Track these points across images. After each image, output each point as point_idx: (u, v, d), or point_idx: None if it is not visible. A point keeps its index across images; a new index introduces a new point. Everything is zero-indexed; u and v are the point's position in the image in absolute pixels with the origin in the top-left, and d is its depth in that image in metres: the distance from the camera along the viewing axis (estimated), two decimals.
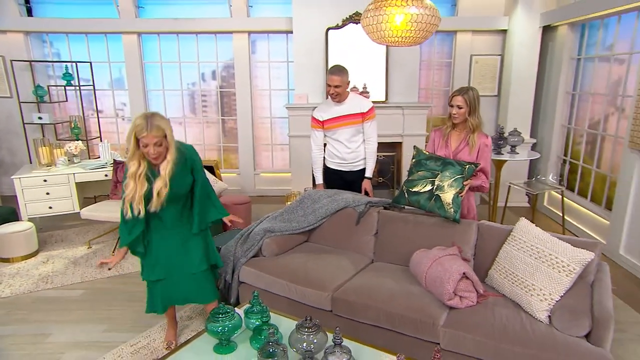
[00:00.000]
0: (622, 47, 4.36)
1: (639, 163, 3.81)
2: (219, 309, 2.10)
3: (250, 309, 2.18)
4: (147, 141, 2.17)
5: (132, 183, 2.30)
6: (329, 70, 3.37)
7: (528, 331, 2.14)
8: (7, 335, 3.02)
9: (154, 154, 2.23)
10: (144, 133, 2.14)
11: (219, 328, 2.06)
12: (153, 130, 2.15)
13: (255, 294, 2.20)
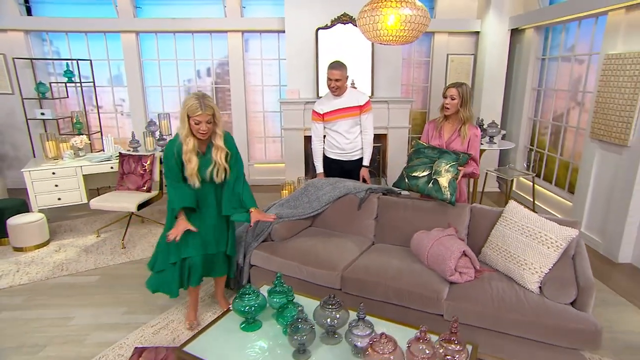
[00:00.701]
0: (582, 48, 4.47)
1: (598, 151, 3.94)
2: (246, 289, 2.07)
3: (273, 289, 2.16)
4: (200, 119, 2.23)
5: (195, 158, 2.34)
6: (330, 65, 3.34)
7: (522, 301, 2.21)
8: (31, 319, 2.91)
9: (205, 130, 2.28)
10: (199, 112, 2.21)
11: (246, 307, 2.03)
12: (206, 109, 2.23)
13: (278, 275, 2.18)
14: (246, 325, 2.07)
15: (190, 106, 2.22)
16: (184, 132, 2.30)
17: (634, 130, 3.51)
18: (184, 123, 2.28)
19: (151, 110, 6.06)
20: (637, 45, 3.55)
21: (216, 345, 1.97)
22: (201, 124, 2.25)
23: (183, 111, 2.27)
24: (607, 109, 3.76)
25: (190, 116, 2.25)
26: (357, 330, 1.81)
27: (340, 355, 1.86)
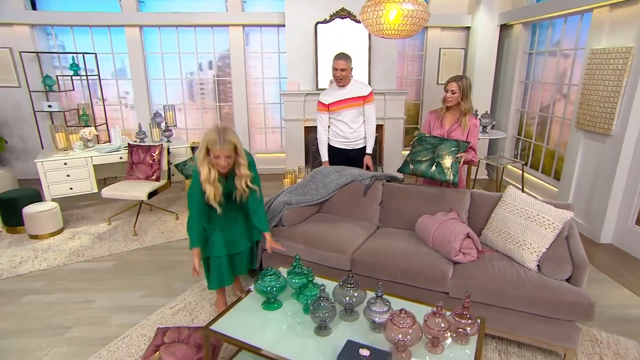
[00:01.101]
0: (568, 44, 4.53)
1: (583, 140, 4.02)
2: (267, 271, 2.09)
3: (292, 270, 2.18)
4: (219, 153, 2.15)
5: (209, 187, 2.25)
6: (336, 56, 3.34)
7: (522, 278, 2.27)
8: (55, 302, 2.91)
9: (225, 165, 2.20)
10: (217, 147, 2.12)
11: (268, 288, 2.06)
12: (225, 144, 2.13)
13: (297, 257, 2.20)
14: (267, 304, 2.10)
15: (210, 139, 2.14)
16: (199, 159, 2.22)
17: (616, 121, 3.59)
18: (202, 151, 2.19)
19: (155, 103, 5.98)
20: (620, 41, 3.61)
21: (240, 323, 1.99)
22: (220, 158, 2.16)
23: (203, 142, 2.18)
24: (592, 101, 3.84)
25: (209, 149, 2.17)
26: (376, 307, 1.85)
27: (358, 331, 1.90)
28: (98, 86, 5.53)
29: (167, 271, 3.36)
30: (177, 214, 4.51)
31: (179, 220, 4.40)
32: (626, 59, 3.48)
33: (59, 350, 2.43)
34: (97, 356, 2.35)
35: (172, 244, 3.86)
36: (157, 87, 5.99)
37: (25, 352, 2.41)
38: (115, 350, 2.40)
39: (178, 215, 4.49)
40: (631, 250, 3.58)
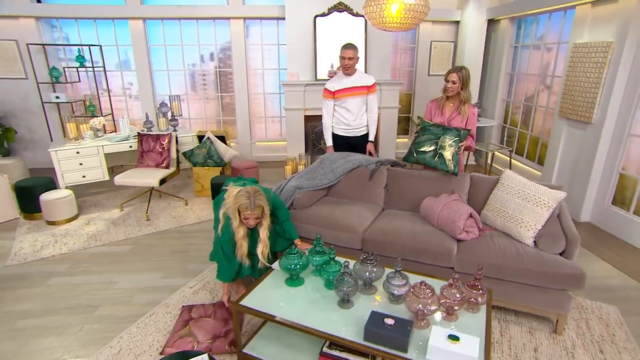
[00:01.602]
0: (552, 38, 4.60)
1: (565, 128, 4.13)
2: (291, 250, 2.13)
3: (313, 249, 2.22)
4: (249, 216, 2.23)
5: (244, 241, 2.32)
6: (343, 46, 3.33)
7: (521, 253, 2.36)
8: (79, 283, 2.90)
9: (253, 224, 2.30)
10: (248, 211, 2.21)
11: (292, 265, 2.10)
12: (255, 209, 2.22)
13: (318, 236, 2.24)
14: (290, 281, 2.14)
15: (242, 204, 2.21)
16: (235, 223, 2.27)
17: (596, 110, 3.70)
18: (235, 214, 2.25)
19: (158, 93, 5.86)
20: (601, 36, 3.69)
21: (268, 298, 2.03)
22: (249, 219, 2.25)
23: (234, 206, 2.23)
24: (574, 91, 3.93)
25: (240, 212, 2.24)
26: (395, 280, 1.92)
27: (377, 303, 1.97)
28: (103, 77, 5.40)
29: (182, 254, 3.36)
30: (186, 199, 4.48)
31: (188, 205, 4.39)
32: (606, 52, 3.57)
33: (91, 327, 2.44)
34: (127, 332, 2.37)
35: (184, 228, 3.85)
36: (160, 78, 5.86)
37: (60, 328, 2.42)
38: (143, 326, 2.42)
39: (187, 201, 4.47)
40: (608, 227, 3.74)
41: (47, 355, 2.21)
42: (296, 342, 2.13)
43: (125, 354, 2.20)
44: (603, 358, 2.20)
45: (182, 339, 2.19)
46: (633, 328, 2.45)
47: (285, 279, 2.17)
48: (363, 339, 1.71)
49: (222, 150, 4.69)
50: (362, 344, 1.69)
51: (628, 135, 3.54)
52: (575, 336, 2.36)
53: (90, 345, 2.28)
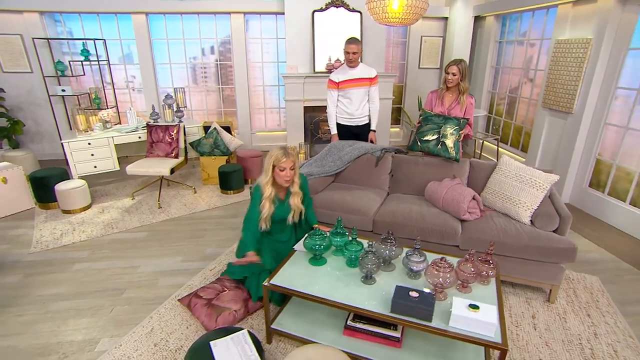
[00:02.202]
0: (535, 34, 4.67)
1: (548, 117, 4.26)
2: (316, 231, 2.15)
3: (334, 231, 2.25)
4: (285, 165, 2.23)
5: (267, 205, 2.31)
6: (347, 41, 3.33)
7: (520, 230, 2.45)
8: (102, 269, 2.86)
9: (289, 176, 2.27)
10: (284, 159, 2.23)
11: (316, 245, 2.12)
12: (290, 156, 2.25)
13: (339, 219, 2.27)
14: (314, 260, 2.18)
15: (276, 156, 2.23)
16: (265, 179, 2.28)
17: (577, 101, 3.82)
18: (268, 172, 2.27)
19: (161, 86, 5.71)
20: (581, 33, 3.78)
21: (295, 277, 2.06)
22: (286, 170, 2.24)
23: (269, 161, 2.25)
24: (556, 84, 4.04)
25: (275, 165, 2.24)
26: (414, 257, 1.97)
27: (397, 279, 2.02)
28: (106, 71, 5.22)
29: (198, 239, 3.34)
30: (195, 188, 4.44)
31: (197, 193, 4.34)
32: (586, 48, 3.67)
33: (121, 308, 2.42)
34: (156, 312, 2.37)
35: (196, 214, 3.82)
36: (162, 71, 5.70)
37: (92, 310, 2.40)
38: (170, 307, 2.42)
39: (195, 189, 4.42)
40: (586, 208, 3.90)
41: (85, 334, 2.20)
42: (319, 318, 2.17)
43: (157, 332, 2.20)
44: (590, 321, 2.34)
45: (220, 315, 2.20)
46: (613, 295, 2.60)
47: (309, 258, 2.20)
48: (390, 311, 1.76)
49: (228, 140, 4.64)
50: (389, 315, 1.75)
51: (604, 124, 3.68)
52: (566, 303, 2.49)
53: (123, 325, 2.28)
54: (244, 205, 4.03)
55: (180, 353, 2.05)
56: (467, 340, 1.63)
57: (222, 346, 1.55)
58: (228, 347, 1.55)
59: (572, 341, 2.17)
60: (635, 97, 3.41)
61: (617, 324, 2.31)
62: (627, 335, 2.23)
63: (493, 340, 1.61)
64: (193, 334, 2.18)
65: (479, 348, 1.97)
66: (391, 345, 1.95)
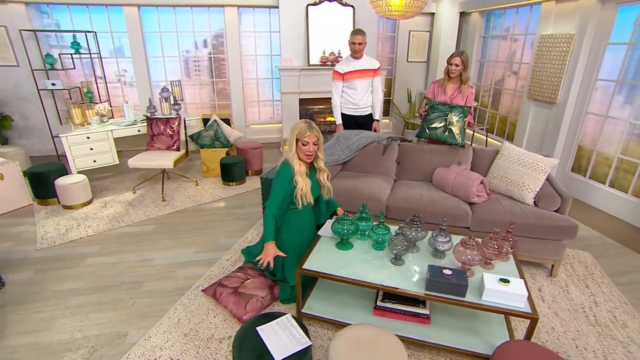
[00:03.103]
0: (519, 30, 4.79)
1: (533, 108, 4.41)
2: (343, 217, 2.14)
3: (360, 216, 2.25)
4: (308, 140, 2.11)
5: (301, 179, 2.17)
6: (353, 32, 3.31)
7: (525, 211, 2.54)
8: (116, 262, 2.73)
9: (312, 151, 2.15)
10: (307, 133, 2.10)
11: (344, 230, 2.11)
12: (314, 131, 2.13)
13: (364, 204, 2.26)
14: (341, 245, 2.17)
15: (300, 129, 2.11)
16: (291, 153, 2.15)
17: (561, 91, 3.97)
18: (292, 146, 2.14)
19: (154, 79, 5.47)
20: (564, 28, 3.92)
21: (326, 261, 2.04)
22: (309, 144, 2.12)
23: (292, 135, 2.13)
24: (541, 76, 4.18)
25: (299, 139, 2.12)
26: (440, 238, 2.00)
27: (423, 259, 2.05)
28: (97, 64, 4.93)
29: (208, 230, 3.25)
30: (196, 180, 4.30)
31: (199, 186, 4.22)
32: (569, 43, 3.81)
33: (142, 301, 2.33)
34: (180, 303, 2.29)
35: (202, 206, 3.71)
36: (155, 65, 5.45)
37: (113, 303, 2.29)
38: (194, 298, 2.35)
39: (197, 181, 4.29)
40: (569, 191, 4.05)
41: (110, 327, 2.10)
42: (346, 300, 2.17)
43: (184, 323, 2.13)
44: (589, 291, 2.46)
45: (249, 303, 2.16)
46: (604, 267, 2.75)
47: (336, 243, 2.19)
48: (425, 289, 1.79)
49: (228, 132, 4.52)
50: (425, 293, 1.77)
51: (585, 113, 3.85)
52: (566, 277, 2.61)
53: (148, 317, 2.19)
54: (249, 196, 3.95)
55: (212, 342, 1.99)
56: (500, 312, 1.67)
57: (269, 331, 1.52)
58: (275, 332, 1.52)
59: (577, 310, 2.29)
60: (614, 88, 3.58)
61: (612, 293, 2.45)
62: (622, 302, 2.37)
63: (524, 310, 1.66)
64: (222, 322, 2.13)
65: (501, 320, 2.03)
66: (421, 323, 1.98)
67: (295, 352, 1.41)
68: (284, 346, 1.44)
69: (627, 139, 3.49)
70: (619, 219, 3.51)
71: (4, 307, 2.26)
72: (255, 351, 1.43)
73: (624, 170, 3.56)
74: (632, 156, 3.45)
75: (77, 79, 5.12)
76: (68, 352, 1.93)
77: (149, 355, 1.91)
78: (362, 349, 1.45)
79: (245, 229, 3.24)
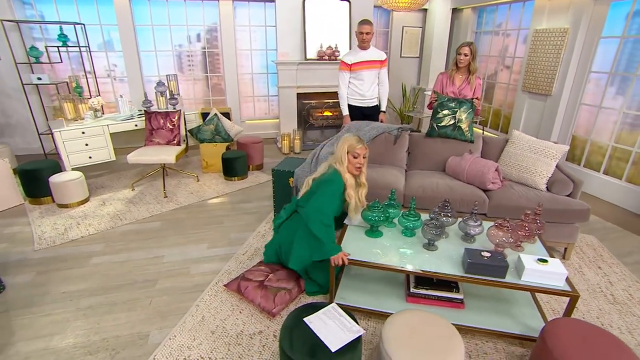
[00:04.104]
0: (512, 25, 4.86)
1: (527, 100, 4.49)
2: (374, 204, 2.07)
3: (389, 203, 2.20)
4: (360, 152, 2.10)
5: (354, 194, 2.12)
6: (361, 22, 3.27)
7: (539, 196, 2.56)
8: (125, 261, 2.56)
9: (362, 163, 2.11)
10: (359, 145, 2.09)
11: (375, 217, 2.05)
12: (364, 144, 2.13)
13: (392, 190, 2.21)
14: (371, 232, 2.11)
15: (350, 142, 2.09)
16: (342, 167, 2.09)
17: (555, 84, 4.07)
18: (344, 159, 2.09)
19: (146, 74, 5.22)
20: (558, 23, 4.02)
21: (359, 249, 1.98)
22: (359, 157, 2.09)
23: (342, 148, 2.10)
24: (536, 69, 4.27)
25: (349, 151, 2.08)
26: (470, 222, 1.98)
27: (454, 244, 2.02)
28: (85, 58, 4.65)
29: (217, 225, 3.12)
30: (197, 176, 4.13)
31: (201, 181, 4.05)
32: (563, 37, 3.91)
33: (160, 299, 2.18)
34: (201, 300, 2.17)
35: (207, 202, 3.56)
36: (147, 59, 5.20)
37: (128, 303, 2.14)
38: (214, 294, 2.22)
39: (198, 177, 4.12)
40: None
41: (129, 328, 1.95)
42: (377, 289, 2.11)
43: (210, 320, 2.01)
44: (602, 272, 2.51)
45: (277, 295, 2.06)
46: (610, 249, 2.82)
47: (366, 231, 2.12)
48: (465, 272, 1.75)
49: (228, 126, 4.37)
50: (465, 276, 1.73)
51: (579, 104, 3.96)
52: (578, 259, 2.65)
53: (168, 316, 2.05)
54: (254, 191, 3.83)
55: (242, 338, 1.88)
56: (540, 291, 1.66)
57: (318, 322, 1.44)
58: (325, 322, 1.44)
59: (595, 290, 2.32)
60: (606, 80, 3.70)
61: (624, 273, 2.51)
62: (634, 281, 2.43)
63: (564, 289, 1.65)
64: (249, 318, 2.02)
65: (529, 301, 2.03)
66: (455, 307, 1.95)
67: (351, 341, 1.34)
68: (337, 336, 1.36)
69: (620, 128, 3.61)
70: (615, 204, 3.63)
71: (7, 312, 2.06)
72: (307, 343, 1.34)
73: (617, 158, 3.68)
74: (625, 144, 3.57)
75: (64, 73, 4.81)
76: (87, 356, 1.77)
77: (177, 355, 1.79)
78: (417, 335, 1.39)
79: (256, 223, 3.12)
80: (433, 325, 1.44)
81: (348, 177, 2.10)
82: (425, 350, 1.32)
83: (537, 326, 1.84)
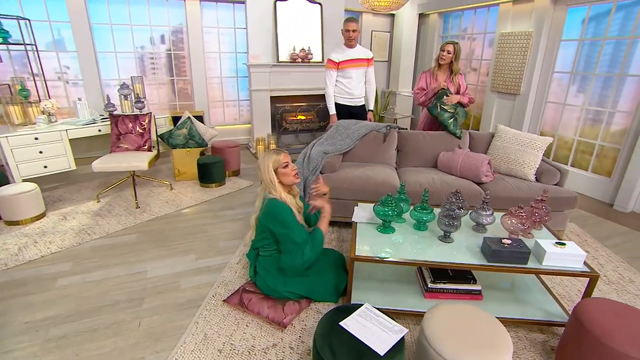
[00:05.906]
0: (478, 29, 5.13)
1: (497, 100, 4.74)
2: (386, 199, 1.99)
3: (399, 198, 2.14)
4: (286, 160, 1.97)
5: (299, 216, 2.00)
6: (347, 20, 3.26)
7: (530, 186, 2.66)
8: (100, 279, 2.25)
9: (295, 168, 1.98)
10: (281, 155, 1.96)
11: (387, 212, 1.97)
12: (283, 151, 2.00)
13: (402, 184, 2.14)
14: (383, 228, 2.03)
15: (272, 158, 1.93)
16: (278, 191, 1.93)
17: (523, 83, 4.33)
18: (273, 181, 1.92)
19: (104, 78, 4.79)
20: (522, 27, 4.29)
21: (372, 244, 1.89)
22: (288, 166, 1.96)
23: (267, 169, 1.92)
24: (503, 70, 4.52)
25: (277, 167, 1.93)
26: (482, 212, 1.97)
27: (467, 234, 2.00)
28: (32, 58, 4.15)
29: (201, 234, 2.86)
30: (170, 184, 3.81)
31: (175, 189, 3.74)
32: (528, 40, 4.18)
33: (150, 319, 1.92)
34: (200, 317, 1.94)
35: (185, 211, 3.28)
36: (104, 61, 4.77)
37: (113, 327, 1.85)
38: (213, 309, 2.00)
39: (172, 185, 3.80)
40: None
41: (118, 356, 1.68)
42: (391, 287, 2.03)
43: (213, 338, 1.79)
44: (590, 255, 2.64)
45: (286, 305, 1.89)
46: (591, 234, 2.98)
47: (377, 227, 2.04)
48: (487, 261, 1.72)
49: (203, 130, 4.10)
50: (487, 265, 1.70)
51: (545, 102, 4.24)
52: None
53: (163, 337, 1.80)
54: (235, 197, 3.60)
55: (255, 353, 1.69)
56: (562, 274, 1.67)
57: (356, 325, 1.31)
58: (363, 324, 1.31)
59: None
60: (569, 79, 4.00)
61: (609, 255, 2.66)
62: (620, 261, 2.58)
63: (584, 270, 1.67)
64: (257, 331, 1.83)
65: (540, 288, 2.05)
66: (473, 299, 1.92)
67: (397, 342, 1.22)
68: (381, 338, 1.24)
69: (583, 123, 3.90)
70: (583, 194, 3.89)
71: None
72: (352, 349, 1.21)
73: (581, 151, 3.97)
74: (589, 138, 3.86)
75: (5, 75, 4.26)
76: None
77: None
78: (462, 327, 1.31)
79: (244, 230, 2.92)
80: (474, 317, 1.37)
81: (284, 196, 1.95)
82: (473, 344, 1.24)
83: (555, 311, 1.85)
